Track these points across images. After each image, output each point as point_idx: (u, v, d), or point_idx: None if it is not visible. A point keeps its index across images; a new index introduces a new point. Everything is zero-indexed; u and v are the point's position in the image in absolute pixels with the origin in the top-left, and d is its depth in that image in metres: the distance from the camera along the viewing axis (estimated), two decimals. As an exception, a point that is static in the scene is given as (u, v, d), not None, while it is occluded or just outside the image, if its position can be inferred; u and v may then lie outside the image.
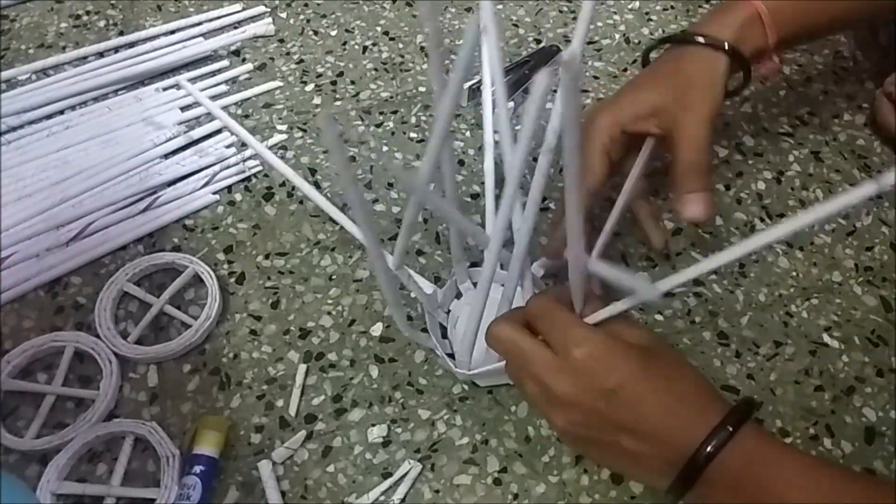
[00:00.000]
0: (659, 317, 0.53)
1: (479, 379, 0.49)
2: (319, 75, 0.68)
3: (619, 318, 0.40)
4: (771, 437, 0.38)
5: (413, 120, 0.64)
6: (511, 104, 0.63)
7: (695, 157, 0.48)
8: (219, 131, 0.63)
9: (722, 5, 0.52)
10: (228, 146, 0.61)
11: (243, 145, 0.61)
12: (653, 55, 0.54)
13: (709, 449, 0.35)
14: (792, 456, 0.36)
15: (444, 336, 0.50)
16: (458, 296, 0.52)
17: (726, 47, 0.49)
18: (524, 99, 0.64)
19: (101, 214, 0.56)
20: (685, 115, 0.48)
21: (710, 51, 0.49)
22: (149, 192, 0.58)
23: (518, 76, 0.65)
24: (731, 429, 0.36)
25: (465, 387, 0.49)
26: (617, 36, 0.72)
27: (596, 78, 0.68)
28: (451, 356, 0.48)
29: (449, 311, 0.51)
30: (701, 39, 0.49)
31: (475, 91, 0.64)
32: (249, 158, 0.61)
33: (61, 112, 0.64)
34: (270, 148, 0.62)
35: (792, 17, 0.51)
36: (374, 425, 0.48)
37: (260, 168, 0.60)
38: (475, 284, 0.51)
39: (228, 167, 0.60)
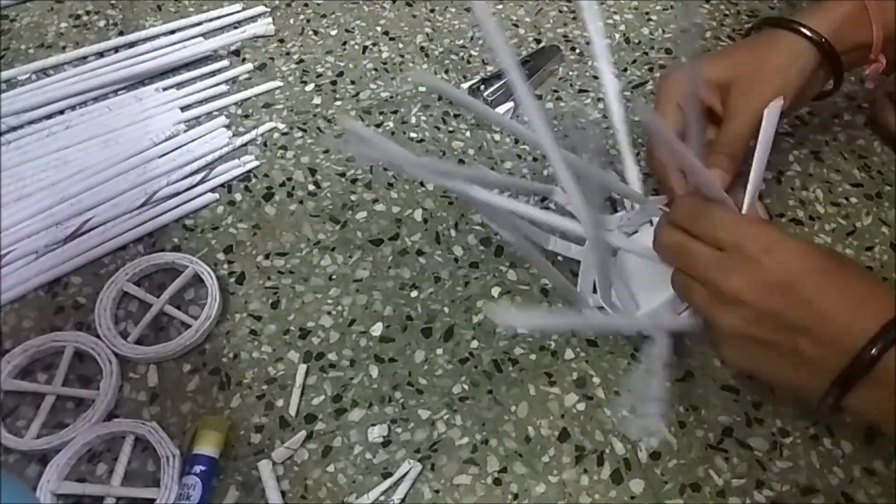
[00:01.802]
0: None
1: (652, 323, 0.46)
2: (319, 75, 0.68)
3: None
4: None
5: (413, 120, 0.64)
6: (511, 104, 0.63)
7: (732, 142, 0.47)
8: (217, 130, 0.63)
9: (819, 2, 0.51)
10: (226, 144, 0.62)
11: (243, 146, 0.62)
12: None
13: (874, 350, 0.35)
14: None
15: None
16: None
17: (816, 37, 0.47)
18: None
19: (99, 211, 0.57)
20: (743, 99, 0.48)
21: (798, 38, 0.48)
22: (147, 188, 0.58)
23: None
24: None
25: (465, 387, 0.49)
26: (617, 36, 0.72)
27: (596, 78, 0.68)
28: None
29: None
30: (795, 26, 0.48)
31: (475, 91, 0.64)
32: (245, 145, 0.61)
33: (61, 112, 0.64)
34: (270, 147, 0.62)
35: None
36: (374, 425, 0.48)
37: (258, 165, 0.60)
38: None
39: (221, 157, 0.61)
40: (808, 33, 0.48)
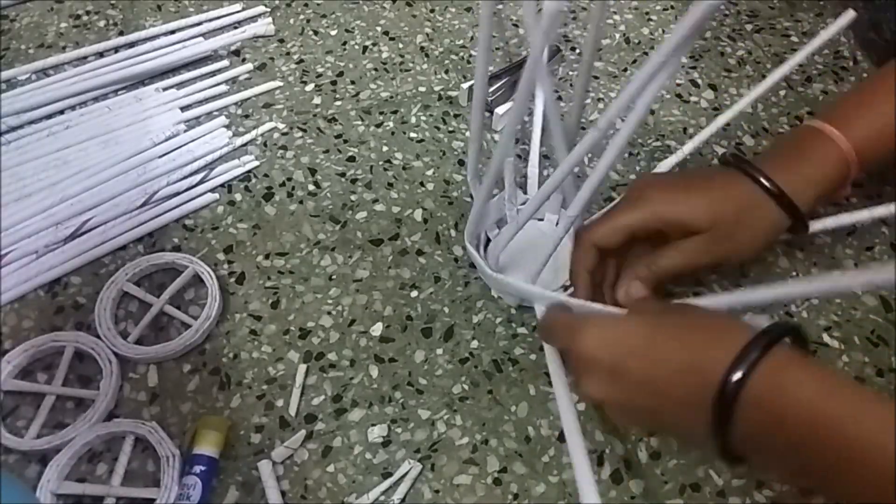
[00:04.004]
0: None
1: (503, 289, 0.52)
2: (319, 75, 0.68)
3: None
4: (808, 361, 0.34)
5: (413, 120, 0.64)
6: (511, 103, 0.63)
7: (662, 274, 0.47)
8: (217, 130, 0.63)
9: (798, 137, 0.50)
10: (226, 144, 0.62)
11: (243, 145, 0.62)
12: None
13: (737, 375, 0.33)
14: (837, 382, 0.33)
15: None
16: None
17: (791, 203, 0.46)
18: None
19: (99, 211, 0.57)
20: (706, 250, 0.47)
21: (770, 202, 0.47)
22: (147, 188, 0.58)
23: (518, 77, 0.65)
24: (757, 353, 0.33)
25: (465, 387, 0.49)
26: (617, 36, 0.72)
27: (596, 78, 0.68)
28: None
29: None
30: (765, 182, 0.46)
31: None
32: (245, 145, 0.61)
33: (61, 112, 0.64)
34: (270, 147, 0.62)
35: (877, 149, 0.49)
36: (374, 425, 0.48)
37: (258, 165, 0.60)
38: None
39: (221, 157, 0.61)
40: (788, 205, 0.47)
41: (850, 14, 0.56)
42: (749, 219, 0.47)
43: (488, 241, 0.54)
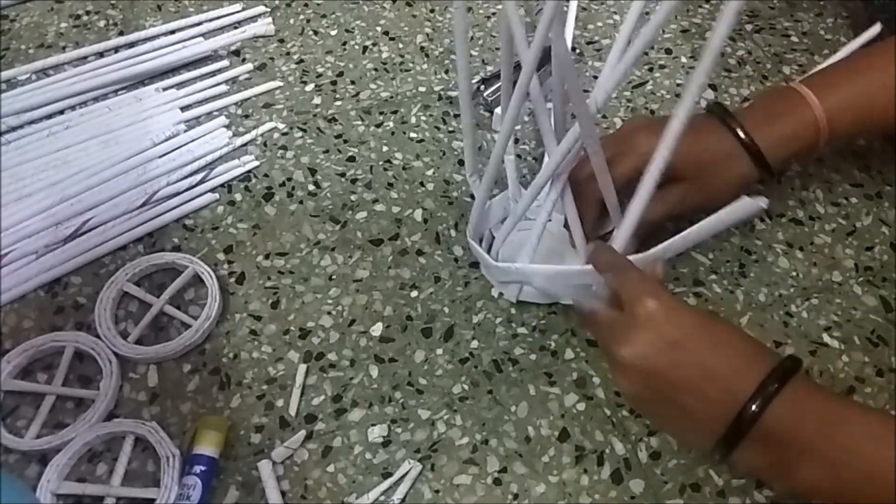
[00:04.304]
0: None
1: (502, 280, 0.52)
2: (319, 75, 0.68)
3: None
4: (821, 393, 0.38)
5: (413, 120, 0.64)
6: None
7: (653, 223, 0.49)
8: (217, 130, 0.63)
9: (778, 95, 0.51)
10: (226, 144, 0.62)
11: (243, 144, 0.62)
12: None
13: (754, 407, 0.36)
14: (848, 411, 0.37)
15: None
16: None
17: (763, 158, 0.49)
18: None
19: (99, 211, 0.57)
20: (695, 195, 0.49)
21: (745, 154, 0.49)
22: (147, 188, 0.58)
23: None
24: (776, 386, 0.36)
25: (465, 387, 0.49)
26: (617, 36, 0.72)
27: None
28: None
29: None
30: (741, 134, 0.49)
31: (475, 92, 0.64)
32: (245, 145, 0.61)
33: (61, 112, 0.64)
34: (270, 147, 0.62)
35: (850, 120, 0.51)
36: (374, 425, 0.48)
37: (258, 165, 0.60)
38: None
39: (221, 157, 0.61)
40: (757, 155, 0.49)
41: (875, 28, 0.58)
42: (725, 169, 0.50)
43: (493, 240, 0.54)
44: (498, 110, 0.63)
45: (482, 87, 0.64)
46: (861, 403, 0.39)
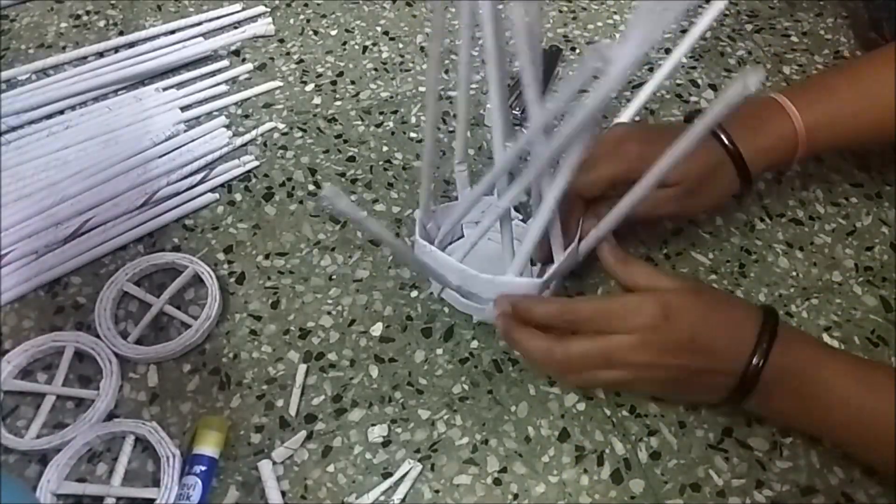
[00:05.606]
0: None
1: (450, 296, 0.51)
2: (319, 75, 0.68)
3: (646, 271, 0.45)
4: (805, 339, 0.44)
5: (413, 120, 0.64)
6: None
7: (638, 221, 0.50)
8: (217, 130, 0.63)
9: (760, 106, 0.51)
10: (226, 144, 0.62)
11: (243, 144, 0.62)
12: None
13: (754, 363, 0.41)
14: (828, 356, 0.43)
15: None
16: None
17: (747, 168, 0.50)
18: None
19: (99, 211, 0.57)
20: (681, 201, 0.49)
21: (733, 170, 0.50)
22: (147, 188, 0.58)
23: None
24: (768, 341, 0.41)
25: (465, 387, 0.49)
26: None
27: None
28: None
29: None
30: (724, 139, 0.49)
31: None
32: (245, 145, 0.61)
33: (61, 112, 0.64)
34: (270, 147, 0.62)
35: (829, 135, 0.51)
36: (374, 425, 0.48)
37: (258, 165, 0.60)
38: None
39: (221, 157, 0.61)
40: (737, 158, 0.50)
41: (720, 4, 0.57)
42: (712, 178, 0.50)
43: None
44: (489, 105, 0.62)
45: (484, 87, 0.64)
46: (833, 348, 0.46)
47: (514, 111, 0.62)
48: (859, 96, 0.51)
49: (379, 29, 0.72)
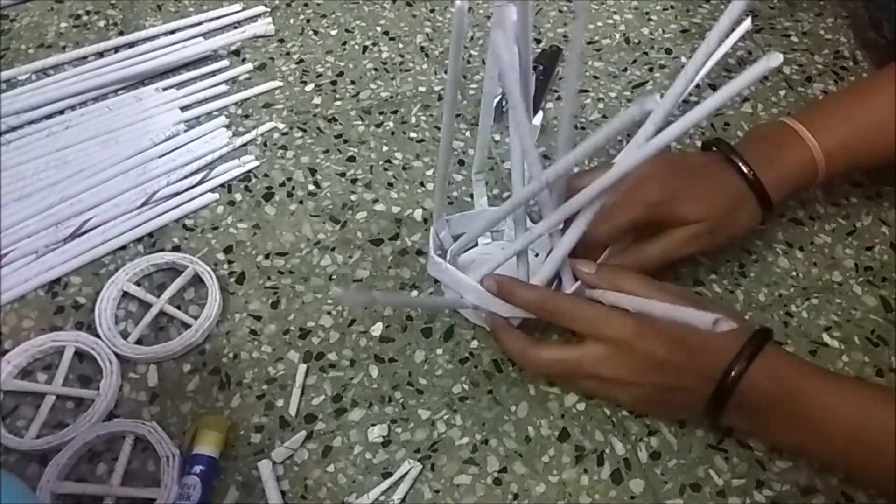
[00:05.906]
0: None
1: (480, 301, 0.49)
2: (319, 75, 0.68)
3: (624, 276, 0.45)
4: (793, 360, 0.43)
5: (413, 120, 0.64)
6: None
7: (657, 264, 0.49)
8: (217, 130, 0.63)
9: (774, 132, 0.51)
10: (226, 144, 0.62)
11: (242, 144, 0.62)
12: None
13: (732, 374, 0.41)
14: (815, 375, 0.42)
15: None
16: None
17: (768, 198, 0.49)
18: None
19: (99, 211, 0.57)
20: (706, 239, 0.49)
21: (756, 202, 0.49)
22: (147, 188, 0.58)
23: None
24: (747, 357, 0.41)
25: (465, 387, 0.49)
26: (617, 36, 0.72)
27: (595, 78, 0.68)
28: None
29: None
30: (745, 169, 0.49)
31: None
32: (245, 145, 0.61)
33: (61, 112, 0.64)
34: (270, 147, 0.62)
35: (846, 159, 0.51)
36: (374, 425, 0.48)
37: (258, 164, 0.60)
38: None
39: (221, 157, 0.61)
40: (760, 191, 0.49)
41: (747, 22, 0.57)
42: (737, 213, 0.49)
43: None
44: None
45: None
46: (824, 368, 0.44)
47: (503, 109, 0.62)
48: (873, 118, 0.51)
49: (379, 29, 0.72)
